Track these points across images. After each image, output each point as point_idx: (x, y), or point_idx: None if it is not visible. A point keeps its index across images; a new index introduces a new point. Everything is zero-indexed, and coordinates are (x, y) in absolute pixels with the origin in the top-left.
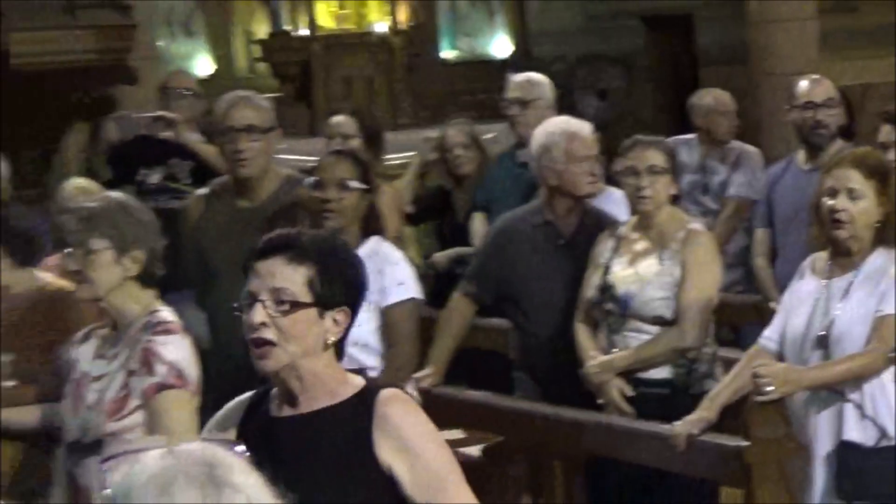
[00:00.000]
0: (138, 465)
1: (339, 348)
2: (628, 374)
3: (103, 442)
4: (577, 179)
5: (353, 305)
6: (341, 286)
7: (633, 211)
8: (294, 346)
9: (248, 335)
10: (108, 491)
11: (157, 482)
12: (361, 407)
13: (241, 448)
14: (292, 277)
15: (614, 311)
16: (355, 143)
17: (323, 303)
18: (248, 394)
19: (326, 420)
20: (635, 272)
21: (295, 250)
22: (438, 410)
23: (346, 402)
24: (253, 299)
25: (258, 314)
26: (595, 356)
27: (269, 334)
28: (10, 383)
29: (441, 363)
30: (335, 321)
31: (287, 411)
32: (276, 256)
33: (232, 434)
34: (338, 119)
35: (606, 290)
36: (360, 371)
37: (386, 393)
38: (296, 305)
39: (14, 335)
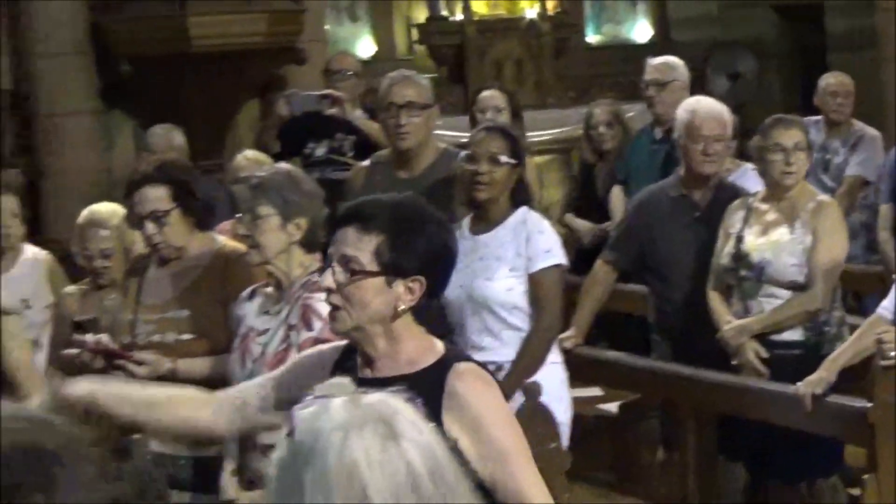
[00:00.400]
0: (325, 413)
1: (423, 315)
2: (762, 337)
3: None
4: (693, 156)
5: (434, 274)
6: (414, 255)
7: (773, 183)
8: (359, 312)
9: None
10: (295, 435)
11: (341, 431)
12: (435, 379)
13: (419, 400)
14: (360, 246)
15: (749, 277)
16: (505, 116)
17: (392, 272)
18: (339, 343)
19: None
20: (768, 240)
21: (365, 220)
22: (580, 369)
23: (423, 371)
24: (328, 265)
25: (327, 280)
26: (731, 321)
27: (335, 299)
28: (186, 336)
29: (583, 326)
30: (408, 289)
31: (368, 373)
32: (350, 225)
33: None
34: (489, 93)
35: (741, 258)
36: (444, 337)
37: (460, 366)
38: (360, 273)
39: (192, 292)
